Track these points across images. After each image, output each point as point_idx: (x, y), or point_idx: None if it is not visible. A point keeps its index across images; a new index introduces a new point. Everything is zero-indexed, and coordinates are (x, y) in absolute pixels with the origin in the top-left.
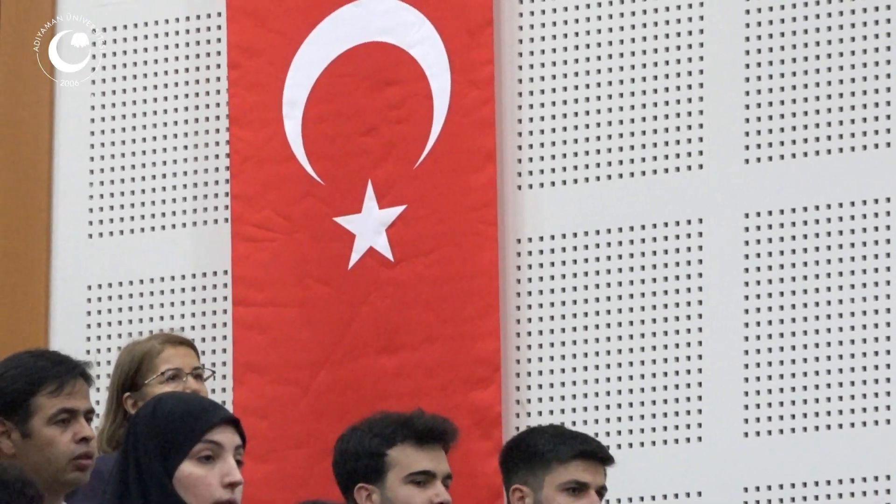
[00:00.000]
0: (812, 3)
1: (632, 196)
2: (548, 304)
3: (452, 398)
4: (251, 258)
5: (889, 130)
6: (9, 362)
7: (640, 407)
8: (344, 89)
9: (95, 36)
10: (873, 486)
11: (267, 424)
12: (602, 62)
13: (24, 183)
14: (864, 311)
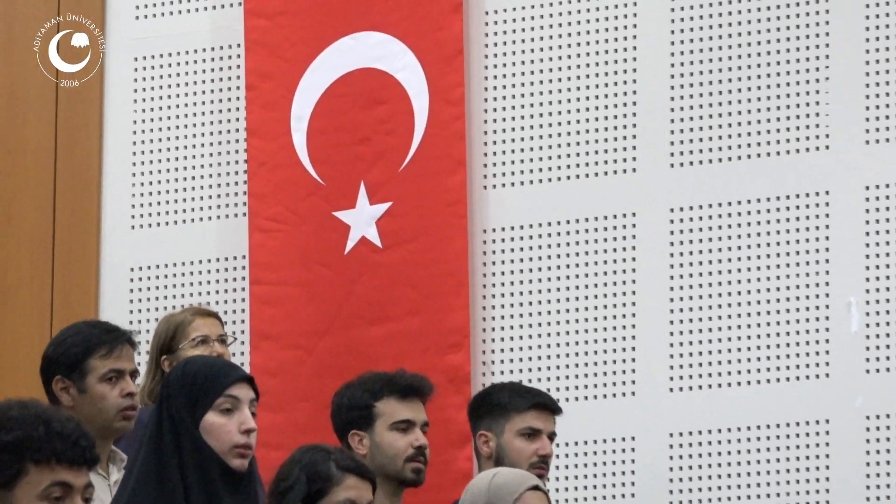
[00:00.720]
0: (735, 24)
1: (576, 194)
2: (508, 283)
3: (430, 360)
4: (265, 245)
5: (795, 138)
6: (67, 331)
7: (583, 367)
8: (341, 107)
9: (137, 63)
10: (775, 431)
11: (277, 382)
12: (552, 84)
13: (77, 183)
14: (758, 290)
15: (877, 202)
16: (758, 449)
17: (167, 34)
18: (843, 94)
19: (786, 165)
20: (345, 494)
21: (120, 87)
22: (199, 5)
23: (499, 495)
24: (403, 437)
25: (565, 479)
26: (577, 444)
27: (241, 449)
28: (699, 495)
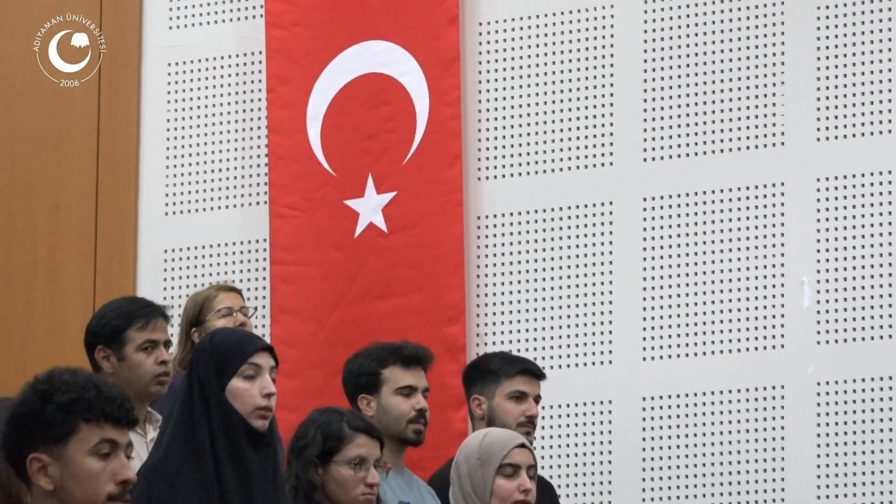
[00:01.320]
0: (700, 34)
1: (560, 185)
2: (499, 264)
3: (429, 332)
4: (283, 230)
5: (746, 136)
6: (108, 306)
7: (566, 338)
8: (351, 107)
9: (170, 68)
10: (736, 396)
11: (294, 351)
12: (538, 88)
13: (117, 175)
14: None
15: (827, 192)
16: (720, 411)
17: (197, 42)
18: (796, 96)
19: (746, 159)
20: (356, 451)
21: (155, 90)
22: (225, 17)
23: (489, 452)
24: (406, 401)
25: (549, 438)
26: (560, 407)
27: (263, 411)
28: (669, 452)
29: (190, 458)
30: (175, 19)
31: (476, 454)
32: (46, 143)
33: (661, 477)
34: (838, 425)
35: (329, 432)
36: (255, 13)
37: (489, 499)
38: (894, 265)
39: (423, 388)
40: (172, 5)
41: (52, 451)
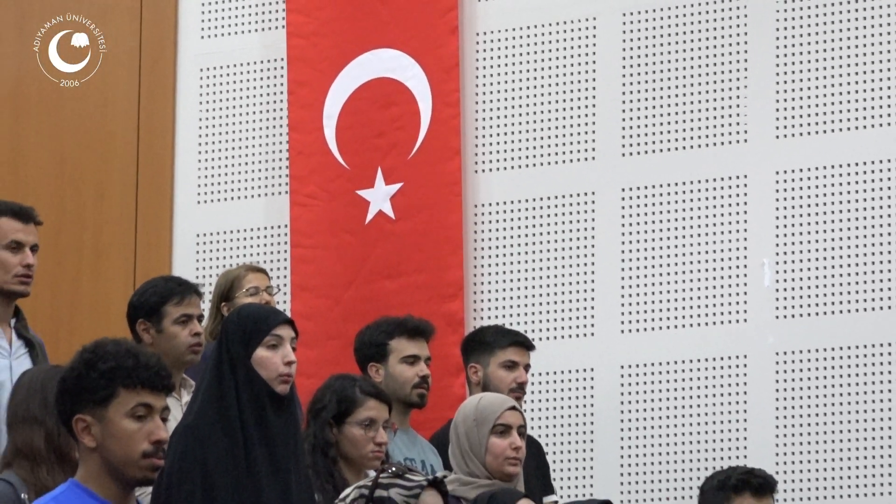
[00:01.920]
0: (671, 43)
1: (546, 177)
2: (493, 247)
3: (432, 307)
4: (302, 217)
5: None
6: (148, 284)
7: (553, 312)
8: (363, 108)
9: (202, 73)
10: (704, 364)
11: (312, 324)
12: (527, 91)
13: (155, 167)
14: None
15: (785, 184)
16: (690, 378)
17: (226, 50)
18: (757, 99)
19: (713, 154)
20: (366, 413)
21: (188, 92)
22: (251, 28)
23: (484, 413)
24: (411, 368)
25: (538, 402)
26: (548, 374)
27: (284, 377)
28: (644, 415)
29: (219, 419)
30: (206, 30)
31: (472, 416)
32: (92, 140)
33: (638, 437)
34: (795, 391)
35: (343, 396)
36: (278, 24)
37: (484, 455)
38: (845, 249)
39: (426, 357)
40: (204, 18)
41: (95, 413)
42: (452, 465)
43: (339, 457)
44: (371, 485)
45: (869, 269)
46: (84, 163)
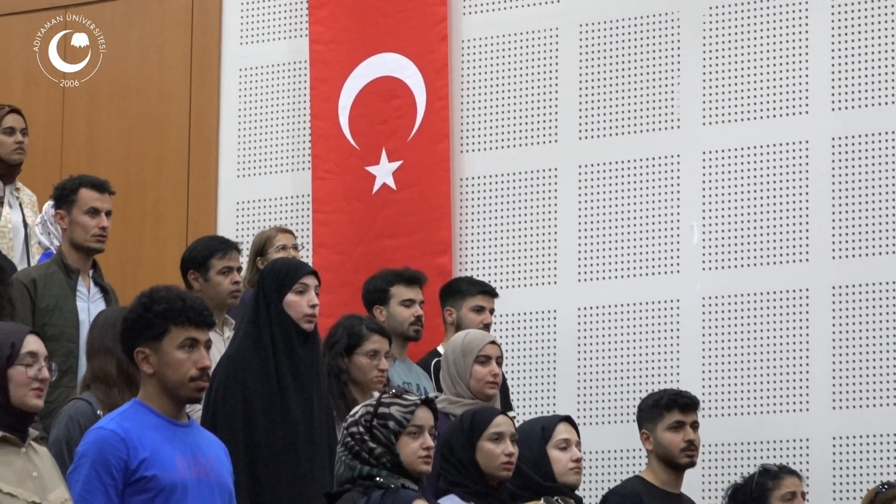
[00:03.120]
0: (621, 45)
1: (519, 156)
2: (475, 212)
3: (425, 261)
4: (321, 188)
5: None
6: (197, 241)
7: (523, 265)
8: (370, 100)
9: (241, 73)
10: (645, 307)
11: (329, 275)
12: (502, 87)
13: (203, 147)
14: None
15: (710, 162)
16: (633, 318)
17: (260, 54)
18: (687, 94)
19: (653, 138)
20: (371, 346)
21: (230, 88)
22: (280, 36)
23: (469, 347)
24: (407, 310)
25: (513, 337)
26: (520, 314)
27: (309, 317)
28: (597, 351)
29: (256, 350)
30: (244, 38)
31: (460, 348)
32: (153, 127)
33: (591, 364)
34: (718, 328)
35: (352, 332)
36: (302, 33)
37: (468, 380)
38: (760, 214)
39: (420, 301)
40: (242, 28)
41: (152, 346)
42: (443, 388)
43: (349, 381)
44: (375, 403)
45: (780, 229)
46: (146, 145)
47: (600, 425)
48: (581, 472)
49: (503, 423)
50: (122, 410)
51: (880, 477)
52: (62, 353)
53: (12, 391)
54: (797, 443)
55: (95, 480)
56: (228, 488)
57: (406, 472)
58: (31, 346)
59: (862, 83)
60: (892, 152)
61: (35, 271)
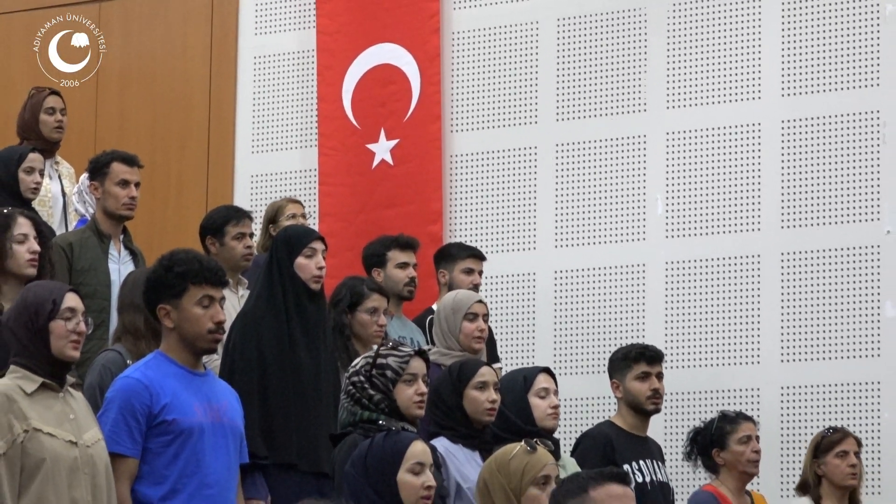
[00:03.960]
0: (595, 37)
1: (501, 136)
2: (464, 186)
3: (419, 229)
4: (327, 163)
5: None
6: (214, 210)
7: (506, 233)
8: (370, 85)
9: (255, 60)
10: (616, 271)
11: (334, 240)
12: (488, 74)
13: (221, 127)
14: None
15: (673, 142)
16: (604, 280)
17: (272, 43)
18: (653, 80)
19: (622, 120)
20: (371, 304)
21: (245, 74)
22: (290, 28)
23: (459, 305)
24: (402, 272)
25: (498, 296)
26: (504, 276)
27: (317, 278)
28: (571, 306)
29: (269, 307)
30: (258, 30)
31: (450, 306)
32: (177, 108)
33: (567, 321)
34: (679, 288)
35: (354, 291)
36: (310, 25)
37: (458, 334)
38: (716, 188)
39: (413, 264)
40: (257, 21)
41: (172, 303)
42: (435, 341)
43: (352, 335)
44: (374, 355)
45: (734, 202)
46: (170, 124)
47: (575, 375)
48: (558, 417)
49: (487, 374)
50: (145, 361)
51: (822, 422)
52: (95, 310)
53: (53, 343)
54: (749, 392)
55: (122, 423)
56: (239, 431)
57: (402, 416)
58: (70, 303)
59: (808, 73)
60: (834, 134)
61: (72, 236)
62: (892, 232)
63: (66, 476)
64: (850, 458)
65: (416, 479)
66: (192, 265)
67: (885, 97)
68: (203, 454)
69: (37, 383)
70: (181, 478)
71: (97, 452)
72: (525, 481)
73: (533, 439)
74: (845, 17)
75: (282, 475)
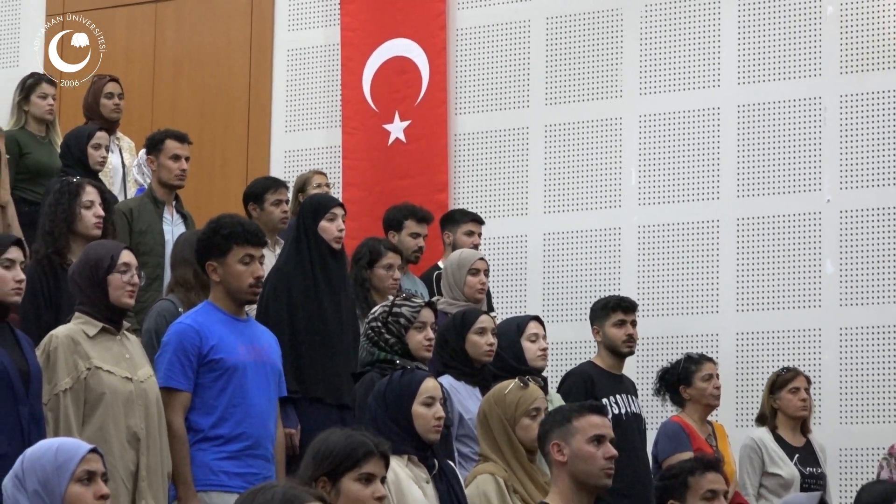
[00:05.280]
0: (577, 30)
1: (498, 118)
2: (466, 159)
3: (428, 196)
4: (349, 141)
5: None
6: (255, 180)
7: (503, 200)
8: (386, 74)
9: (288, 53)
10: (593, 235)
11: (354, 207)
12: (488, 66)
13: (259, 111)
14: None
15: (645, 124)
16: (585, 241)
17: (303, 38)
18: (629, 71)
19: (602, 104)
20: (387, 261)
21: (280, 65)
22: (318, 24)
23: (464, 262)
24: (413, 241)
25: (497, 255)
26: (500, 238)
27: (337, 238)
28: (559, 263)
29: (298, 264)
30: (291, 26)
31: (456, 263)
32: (221, 93)
33: (554, 276)
34: (650, 249)
35: (373, 249)
36: (334, 22)
37: (462, 287)
38: (681, 162)
39: (424, 235)
40: (290, 18)
41: (219, 260)
42: (443, 293)
43: (371, 287)
44: (390, 304)
45: (697, 174)
46: (216, 107)
47: (561, 322)
48: (546, 358)
49: (486, 321)
50: (196, 309)
51: (772, 363)
52: (152, 265)
53: (111, 293)
54: (710, 337)
55: (176, 362)
56: (278, 369)
57: (412, 357)
58: (126, 258)
59: (760, 64)
60: (783, 116)
61: (132, 202)
62: (831, 200)
63: (123, 407)
64: (802, 393)
65: (428, 410)
66: (235, 228)
67: (825, 86)
68: (247, 388)
69: (97, 328)
70: (228, 408)
71: (149, 387)
72: (518, 412)
73: (525, 377)
74: (792, 18)
75: (309, 407)
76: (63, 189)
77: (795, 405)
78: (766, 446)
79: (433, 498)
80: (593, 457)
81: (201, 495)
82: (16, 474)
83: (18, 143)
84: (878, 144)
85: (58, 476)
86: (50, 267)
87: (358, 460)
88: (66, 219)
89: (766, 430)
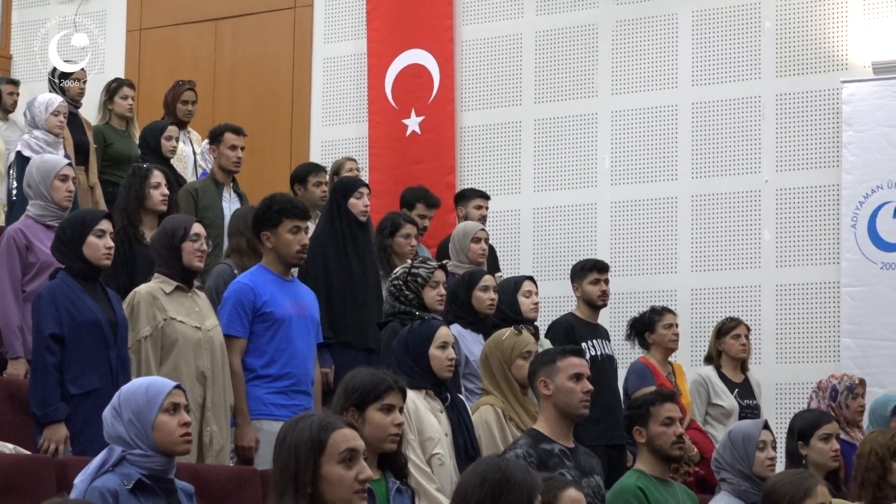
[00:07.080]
0: (562, 41)
1: (495, 115)
2: (471, 148)
3: (438, 179)
4: (374, 134)
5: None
6: (300, 166)
7: (502, 181)
8: (405, 78)
9: (325, 62)
10: (575, 210)
11: (379, 187)
12: (487, 71)
13: (300, 105)
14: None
15: (618, 121)
16: (567, 216)
17: (336, 49)
18: (603, 75)
19: (581, 102)
20: (406, 231)
21: (318, 72)
22: (348, 37)
23: (468, 231)
24: (421, 221)
25: (499, 228)
26: (498, 213)
27: (363, 212)
28: (548, 234)
29: (331, 233)
30: (326, 39)
31: (461, 232)
32: (269, 94)
33: (545, 244)
34: (622, 220)
35: (394, 222)
36: (362, 35)
37: (467, 252)
38: (646, 149)
39: (429, 217)
40: (326, 33)
41: (272, 231)
42: (451, 257)
43: (392, 253)
44: (409, 266)
45: (658, 159)
46: (265, 105)
47: (549, 281)
48: (538, 311)
49: (488, 280)
50: (251, 271)
51: (720, 314)
52: (213, 235)
53: (184, 257)
54: (670, 293)
55: (235, 314)
56: (316, 321)
57: (427, 310)
58: (196, 229)
59: (710, 69)
60: (729, 112)
61: (197, 183)
62: (769, 181)
63: (193, 351)
64: (742, 339)
65: (442, 352)
66: (285, 204)
67: (764, 87)
68: (291, 336)
69: (173, 286)
70: (276, 352)
71: (215, 335)
72: (514, 355)
73: (520, 326)
74: (736, 31)
75: (341, 350)
76: (135, 173)
77: (736, 349)
78: (712, 382)
79: (446, 424)
80: (573, 391)
81: (255, 422)
82: (113, 406)
83: (104, 135)
84: (807, 135)
85: (149, 407)
86: (125, 236)
87: (380, 393)
88: (138, 197)
89: (713, 369)
